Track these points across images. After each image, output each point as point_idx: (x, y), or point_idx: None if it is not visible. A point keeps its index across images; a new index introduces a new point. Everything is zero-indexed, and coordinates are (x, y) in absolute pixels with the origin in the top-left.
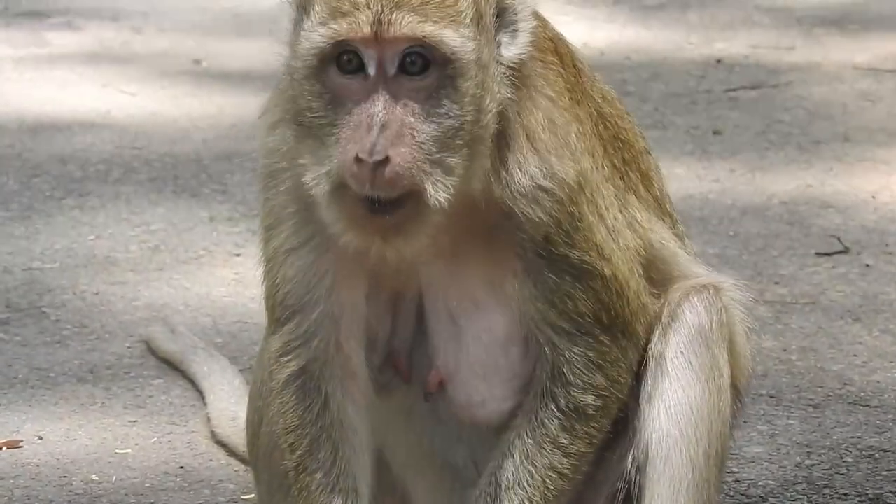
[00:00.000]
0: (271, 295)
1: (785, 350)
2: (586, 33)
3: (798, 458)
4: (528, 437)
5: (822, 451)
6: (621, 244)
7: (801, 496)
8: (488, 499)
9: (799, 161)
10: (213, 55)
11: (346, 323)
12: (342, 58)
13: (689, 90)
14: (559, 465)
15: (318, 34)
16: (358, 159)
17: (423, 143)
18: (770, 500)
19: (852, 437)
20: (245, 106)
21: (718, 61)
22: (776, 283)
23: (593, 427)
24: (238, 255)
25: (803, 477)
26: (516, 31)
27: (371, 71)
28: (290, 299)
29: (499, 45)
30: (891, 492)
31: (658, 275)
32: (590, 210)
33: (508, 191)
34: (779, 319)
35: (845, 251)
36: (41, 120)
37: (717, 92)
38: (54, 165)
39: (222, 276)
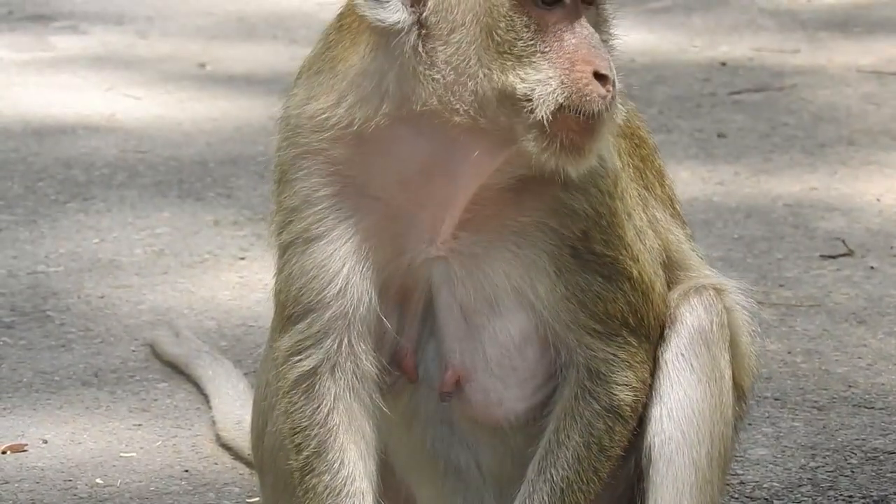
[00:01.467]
0: (285, 288)
1: (790, 352)
2: None
3: (803, 461)
4: (577, 437)
5: (827, 454)
6: (647, 244)
7: (805, 498)
8: (546, 497)
9: (803, 164)
10: (217, 59)
11: (359, 321)
12: None
13: (694, 93)
14: (600, 469)
15: None
16: (599, 76)
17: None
18: (775, 502)
19: (857, 440)
20: (249, 109)
21: (723, 64)
22: (781, 285)
23: (627, 429)
24: (243, 258)
25: (808, 479)
26: None
27: (557, 12)
28: (304, 295)
29: None
30: (895, 493)
31: (672, 276)
32: (622, 207)
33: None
34: (783, 322)
35: (850, 254)
36: (46, 124)
37: (721, 95)
38: (59, 169)
39: (227, 280)
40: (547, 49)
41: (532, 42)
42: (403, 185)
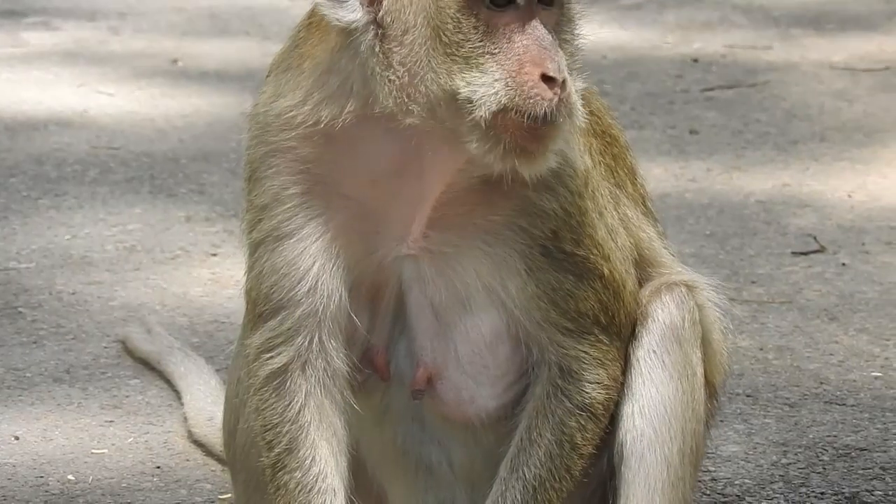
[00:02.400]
0: (256, 286)
1: (761, 349)
2: None
3: (774, 457)
4: (550, 435)
5: (799, 450)
6: (618, 243)
7: (777, 495)
8: (518, 495)
9: (776, 160)
10: (190, 55)
11: (329, 319)
12: None
13: (666, 90)
14: (572, 466)
15: None
16: (546, 78)
17: (566, 66)
18: (747, 498)
19: (829, 436)
20: (222, 106)
21: (695, 61)
22: (753, 282)
23: (599, 427)
24: (215, 255)
25: (780, 476)
26: None
27: (522, 1)
28: (275, 293)
29: None
30: (867, 490)
31: (644, 274)
32: (592, 206)
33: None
34: (755, 318)
35: (822, 250)
36: (18, 120)
37: (693, 92)
38: (31, 165)
39: (199, 276)
40: (496, 51)
41: (480, 44)
42: (372, 184)
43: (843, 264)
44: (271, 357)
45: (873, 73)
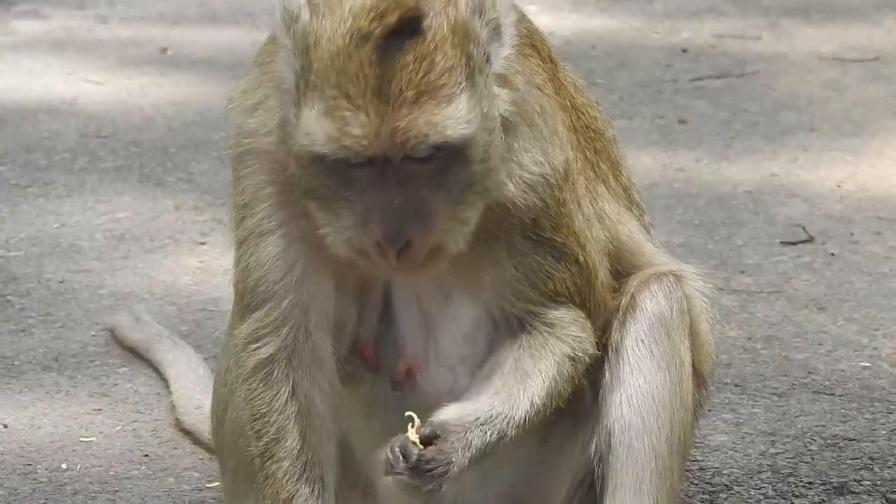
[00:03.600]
0: (242, 279)
1: (750, 339)
2: (552, 23)
3: (763, 447)
4: (526, 363)
5: (787, 440)
6: (593, 234)
7: (765, 484)
8: (517, 386)
9: (764, 150)
10: (179, 44)
11: (316, 311)
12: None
13: (655, 79)
14: (535, 399)
15: (317, 144)
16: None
17: (440, 213)
18: (735, 488)
19: (817, 426)
20: (211, 94)
21: (684, 50)
22: (741, 271)
23: (575, 376)
24: (203, 243)
25: (768, 465)
26: (501, 33)
27: (368, 171)
28: (261, 285)
29: (488, 60)
30: (855, 480)
31: (624, 266)
32: (571, 198)
33: (515, 181)
34: (744, 308)
35: (810, 240)
36: (7, 108)
37: (682, 81)
38: (20, 154)
39: (187, 265)
40: (351, 199)
41: (336, 191)
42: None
43: (832, 254)
44: (258, 347)
45: (863, 63)
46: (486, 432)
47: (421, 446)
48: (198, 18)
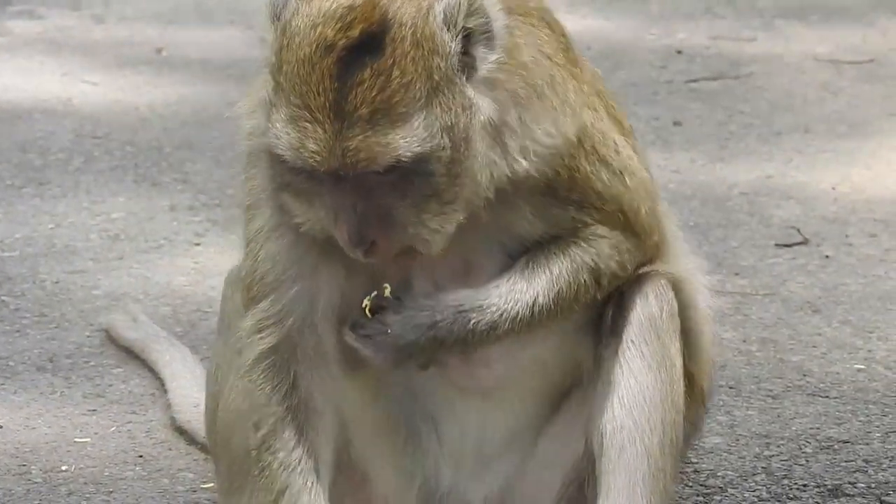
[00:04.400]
0: (250, 273)
1: (744, 341)
2: None
3: (757, 449)
4: (561, 251)
5: (782, 442)
6: (627, 182)
7: (760, 487)
8: (522, 282)
9: (759, 152)
10: (174, 44)
11: (323, 303)
12: None
13: (650, 81)
14: (571, 294)
15: (280, 148)
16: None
17: (405, 219)
18: (729, 490)
19: (811, 428)
20: (206, 94)
21: (679, 52)
22: (736, 273)
23: (588, 276)
24: (198, 244)
25: (762, 468)
26: (491, 35)
27: (332, 178)
28: (269, 276)
29: (465, 69)
30: (849, 483)
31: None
32: (588, 161)
33: (528, 157)
34: (738, 310)
35: (805, 242)
36: (2, 108)
37: (677, 83)
38: (15, 154)
39: (182, 266)
40: (323, 192)
41: (307, 185)
42: None
43: (827, 256)
44: (262, 338)
45: (858, 64)
46: (466, 319)
47: (368, 314)
48: (193, 19)
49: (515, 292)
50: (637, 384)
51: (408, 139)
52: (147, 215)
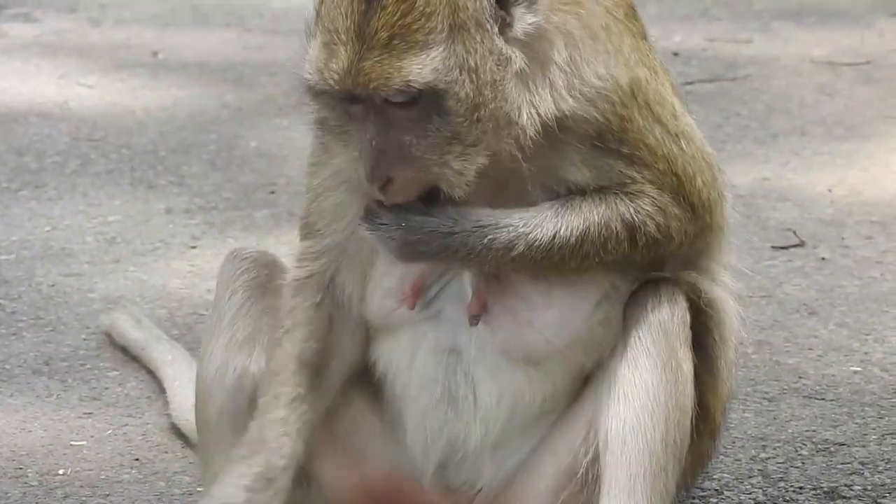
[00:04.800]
0: (305, 216)
1: (740, 343)
2: None
3: (753, 452)
4: (597, 214)
5: (778, 445)
6: (683, 146)
7: (756, 489)
8: (549, 213)
9: (756, 154)
10: (170, 47)
11: (360, 262)
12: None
13: None
14: (599, 244)
15: (308, 71)
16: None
17: (425, 155)
18: (725, 492)
19: (807, 431)
20: (202, 98)
21: (676, 54)
22: (732, 275)
23: (626, 247)
24: (194, 247)
25: (758, 470)
26: None
27: (358, 106)
28: (315, 223)
29: (499, 19)
30: (845, 485)
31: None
32: (641, 115)
33: (574, 95)
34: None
35: (801, 245)
36: None
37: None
38: (11, 157)
39: (178, 269)
40: (353, 132)
41: (339, 123)
42: None
43: (823, 259)
44: (298, 268)
45: (854, 66)
46: (483, 234)
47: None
48: (189, 22)
49: (539, 219)
50: (642, 381)
51: (421, 67)
52: (143, 218)
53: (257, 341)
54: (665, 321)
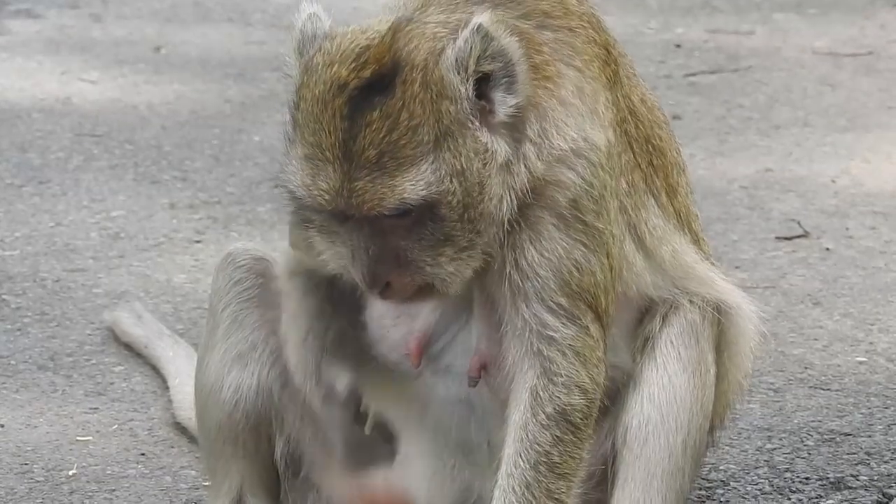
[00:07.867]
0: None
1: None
2: None
3: (759, 442)
4: (523, 461)
5: (783, 435)
6: (623, 247)
7: (762, 480)
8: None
9: (759, 146)
10: (172, 42)
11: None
12: None
13: (649, 75)
14: (556, 491)
15: (294, 184)
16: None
17: (419, 258)
18: (731, 483)
19: (813, 421)
20: (205, 93)
21: (678, 46)
22: (736, 267)
23: (578, 441)
24: (198, 241)
25: (764, 461)
26: (512, 78)
27: (349, 221)
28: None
29: (487, 112)
30: (852, 475)
31: (666, 286)
32: (612, 184)
33: (546, 161)
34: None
35: (805, 235)
36: (1, 107)
37: (676, 77)
38: (14, 153)
39: (182, 263)
40: (341, 231)
41: (326, 223)
42: None
43: (827, 249)
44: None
45: (856, 57)
46: None
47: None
48: (191, 17)
49: (543, 497)
50: (670, 383)
51: (414, 183)
52: (147, 213)
53: (250, 357)
54: (696, 323)
